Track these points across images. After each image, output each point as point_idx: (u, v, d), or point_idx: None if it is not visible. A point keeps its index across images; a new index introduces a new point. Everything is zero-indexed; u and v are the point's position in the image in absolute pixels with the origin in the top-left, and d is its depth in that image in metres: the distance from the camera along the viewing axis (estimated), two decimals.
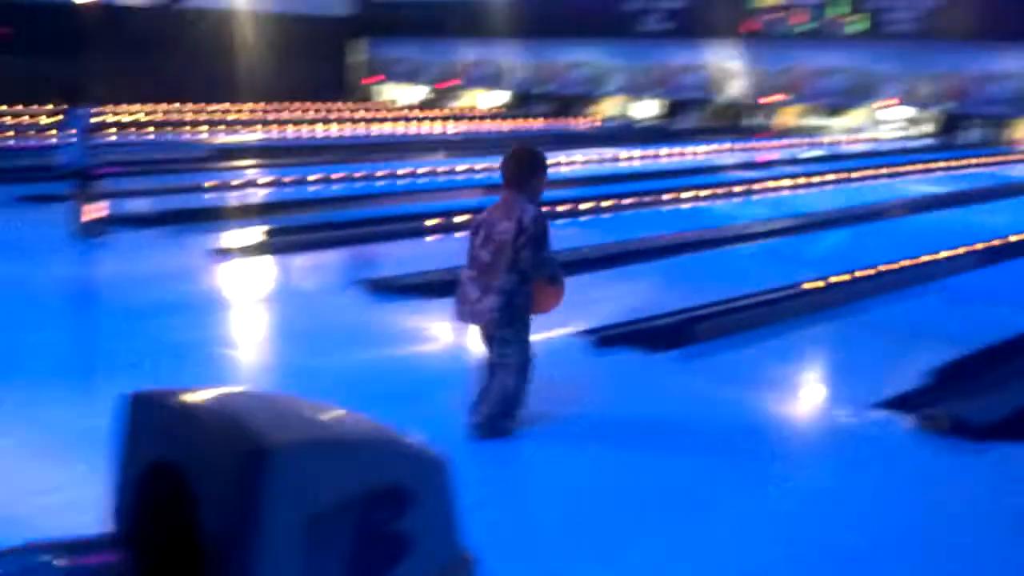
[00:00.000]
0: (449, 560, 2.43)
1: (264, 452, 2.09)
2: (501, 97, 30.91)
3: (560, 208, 11.85)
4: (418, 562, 2.33)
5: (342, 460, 2.24)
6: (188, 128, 21.25)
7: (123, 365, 5.90)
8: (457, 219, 11.17)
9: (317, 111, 26.60)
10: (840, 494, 4.55)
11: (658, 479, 4.61)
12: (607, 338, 6.61)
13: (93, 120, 9.96)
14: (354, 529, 2.21)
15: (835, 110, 25.13)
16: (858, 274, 8.58)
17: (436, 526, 2.38)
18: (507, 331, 4.78)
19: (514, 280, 4.69)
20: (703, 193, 14.00)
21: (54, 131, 10.36)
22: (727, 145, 20.88)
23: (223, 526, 2.14)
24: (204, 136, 20.00)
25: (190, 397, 2.45)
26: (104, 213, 9.89)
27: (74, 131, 9.71)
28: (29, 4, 25.28)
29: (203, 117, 23.65)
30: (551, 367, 5.54)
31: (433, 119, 26.20)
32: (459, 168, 15.90)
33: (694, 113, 26.91)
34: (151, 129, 20.73)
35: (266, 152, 17.74)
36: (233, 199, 12.83)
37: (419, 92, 32.42)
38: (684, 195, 13.75)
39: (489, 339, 4.86)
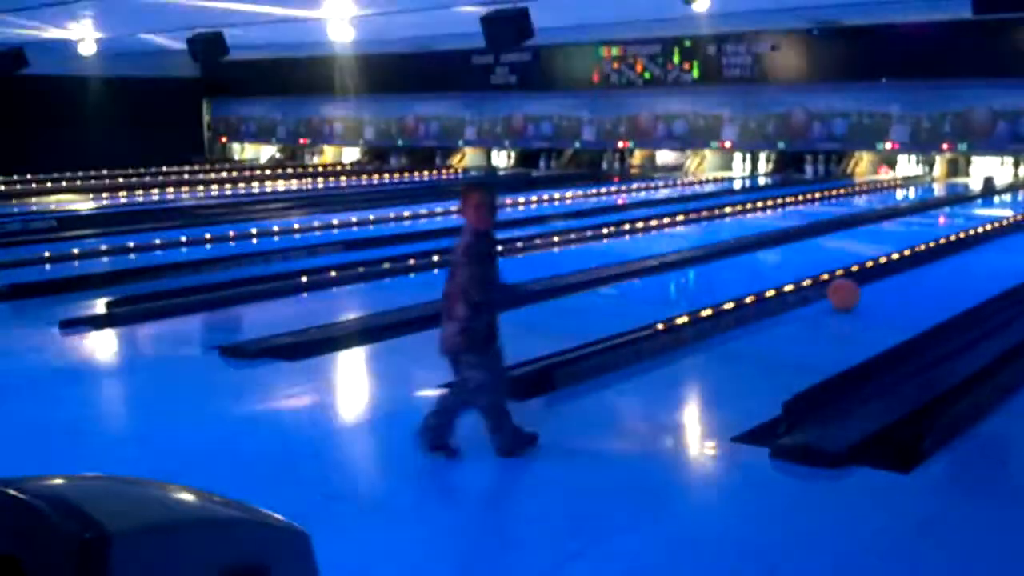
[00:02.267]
0: None
1: (105, 539, 1.99)
2: (356, 153, 30.88)
3: (434, 258, 11.83)
4: None
5: (191, 542, 2.14)
6: (33, 199, 20.45)
7: None
8: (315, 277, 11.06)
9: (168, 175, 25.96)
10: (706, 528, 4.62)
11: (532, 521, 4.60)
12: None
13: None
14: None
15: (683, 153, 26.00)
16: (712, 310, 8.82)
17: None
18: (469, 356, 5.14)
19: (466, 308, 5.05)
20: (556, 239, 14.20)
21: None
22: (580, 193, 21.30)
23: None
24: (51, 206, 19.26)
25: (29, 485, 2.32)
26: None
27: None
28: None
29: (48, 186, 22.82)
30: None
31: (288, 177, 25.93)
32: (317, 225, 15.74)
33: (550, 161, 27.42)
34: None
35: (114, 218, 17.19)
36: (79, 269, 12.35)
37: (272, 151, 32.11)
38: (538, 241, 13.91)
39: (455, 365, 5.27)
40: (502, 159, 28.51)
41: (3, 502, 2.28)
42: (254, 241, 14.45)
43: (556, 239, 14.15)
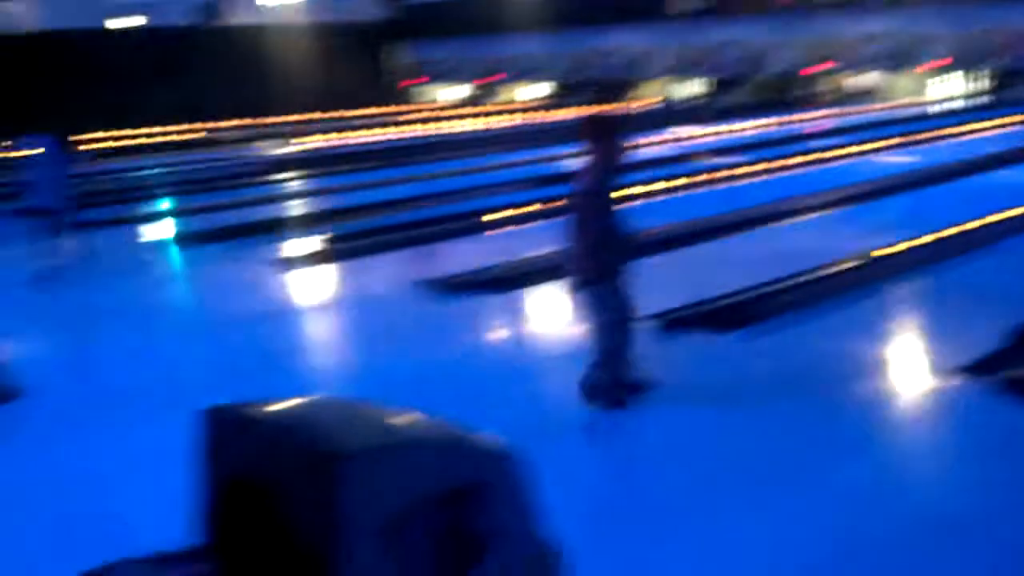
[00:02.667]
0: (532, 552, 2.42)
1: (340, 458, 2.10)
2: (544, 89, 30.83)
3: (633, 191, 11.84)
4: (501, 557, 2.33)
5: (415, 462, 2.25)
6: (239, 144, 21.51)
7: (199, 378, 5.99)
8: (511, 213, 11.20)
9: (362, 117, 26.74)
10: (930, 459, 4.46)
11: (758, 447, 4.57)
12: (679, 320, 6.56)
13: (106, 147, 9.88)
14: (433, 529, 2.22)
15: (883, 76, 24.68)
16: (926, 238, 8.41)
17: (515, 520, 2.37)
18: (591, 288, 4.90)
19: (585, 241, 4.82)
20: (757, 168, 13.82)
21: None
22: (775, 120, 20.60)
23: (305, 532, 2.16)
24: (258, 150, 20.23)
25: (265, 408, 2.48)
26: (65, 259, 8.95)
27: (47, 164, 8.78)
28: (64, 32, 25.76)
29: (255, 132, 23.94)
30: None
31: (477, 116, 26.21)
32: (508, 162, 15.89)
33: (738, 89, 26.60)
34: (202, 148, 21.01)
35: (318, 161, 17.88)
36: (291, 210, 12.94)
37: (461, 91, 32.47)
38: (739, 172, 13.58)
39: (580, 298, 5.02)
40: (692, 88, 27.84)
41: (246, 425, 2.45)
42: (444, 180, 14.73)
43: (747, 169, 13.78)
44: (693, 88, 27.79)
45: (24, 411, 5.64)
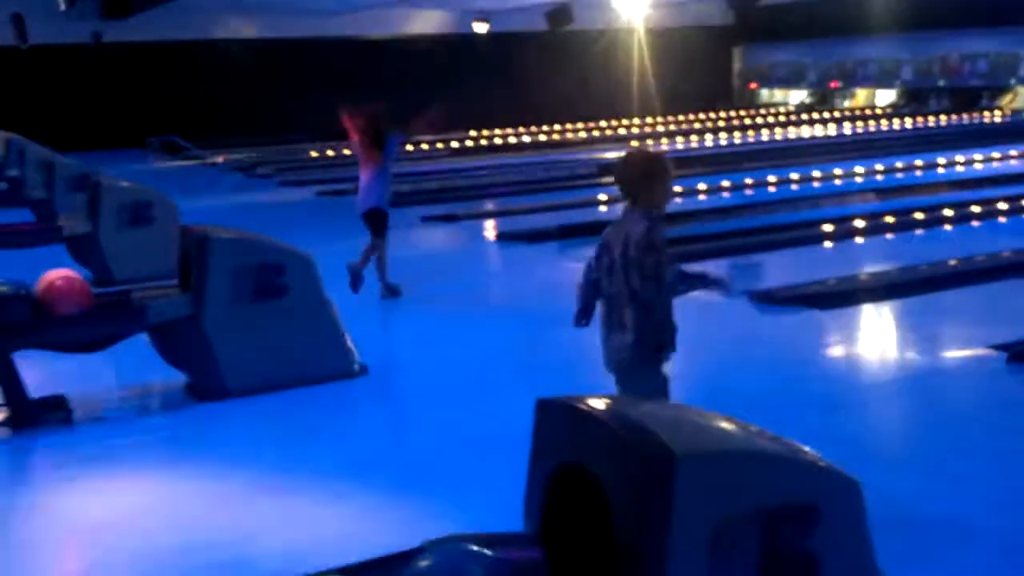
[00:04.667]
0: None
1: (673, 459, 2.12)
2: (891, 95, 29.25)
3: (974, 209, 11.16)
4: None
5: (749, 472, 2.22)
6: (580, 147, 22.13)
7: (529, 371, 6.24)
8: (843, 226, 10.75)
9: (699, 121, 26.66)
10: None
11: None
12: None
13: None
14: (761, 543, 2.19)
15: None
16: None
17: (848, 548, 2.29)
18: (640, 370, 3.96)
19: (636, 311, 3.90)
20: None
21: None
22: None
23: (631, 529, 2.20)
24: (591, 154, 20.73)
25: (596, 403, 2.55)
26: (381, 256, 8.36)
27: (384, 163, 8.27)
28: (425, 37, 27.67)
29: (593, 135, 24.55)
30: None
31: (818, 122, 25.33)
32: (847, 172, 15.25)
33: None
34: (540, 150, 21.83)
35: None
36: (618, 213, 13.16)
37: (802, 95, 31.51)
38: None
39: (623, 384, 4.03)
40: None
41: (578, 418, 2.53)
42: (781, 188, 14.37)
43: None
44: None
45: (367, 387, 6.13)
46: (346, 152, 18.75)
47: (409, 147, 22.17)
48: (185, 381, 6.12)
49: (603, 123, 26.60)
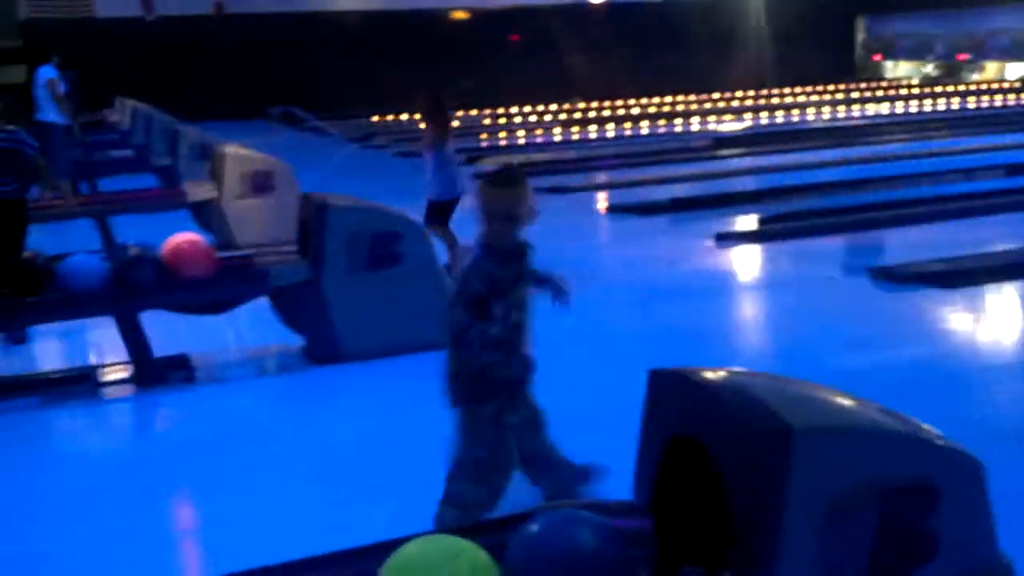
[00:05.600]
0: (983, 565, 2.26)
1: (790, 433, 2.09)
2: (1022, 69, 27.96)
3: None
4: (947, 564, 2.20)
5: (867, 449, 2.18)
6: (688, 119, 21.83)
7: (636, 343, 6.22)
8: (968, 203, 10.35)
9: (817, 94, 25.97)
10: None
11: None
12: None
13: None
14: (877, 520, 2.14)
15: None
16: None
17: (969, 528, 2.23)
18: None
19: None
20: None
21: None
22: None
23: (744, 502, 2.18)
24: (704, 125, 20.41)
25: (710, 375, 2.52)
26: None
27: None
28: (540, 8, 27.51)
29: (706, 107, 24.17)
30: None
31: (945, 96, 24.39)
32: (974, 147, 14.67)
33: None
34: (658, 121, 21.60)
35: (762, 139, 17.68)
36: (732, 186, 12.95)
37: (927, 68, 30.38)
38: None
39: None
40: None
41: (691, 389, 2.51)
42: (904, 162, 13.91)
43: None
44: None
45: None
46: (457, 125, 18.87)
47: (518, 119, 22.25)
48: (301, 344, 6.28)
49: (716, 95, 26.14)
